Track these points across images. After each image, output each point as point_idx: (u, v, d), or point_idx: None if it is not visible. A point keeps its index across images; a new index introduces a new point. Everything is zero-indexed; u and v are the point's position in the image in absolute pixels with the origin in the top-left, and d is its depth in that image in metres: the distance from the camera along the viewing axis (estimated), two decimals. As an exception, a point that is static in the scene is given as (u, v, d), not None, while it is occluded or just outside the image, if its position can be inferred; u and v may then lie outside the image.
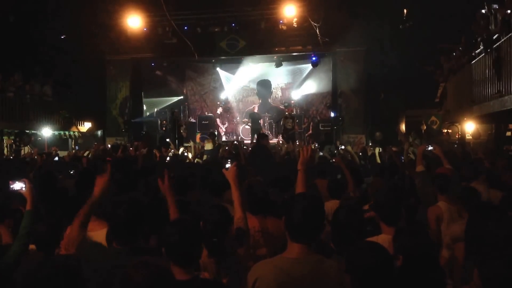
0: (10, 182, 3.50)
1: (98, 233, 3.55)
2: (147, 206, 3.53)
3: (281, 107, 21.87)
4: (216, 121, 21.55)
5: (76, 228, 3.24)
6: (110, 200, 3.22)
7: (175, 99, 22.34)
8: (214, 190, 4.62)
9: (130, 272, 2.03)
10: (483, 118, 12.61)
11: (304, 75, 21.94)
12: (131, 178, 5.51)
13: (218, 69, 22.33)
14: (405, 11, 15.89)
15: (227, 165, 4.09)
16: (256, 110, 22.05)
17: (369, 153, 10.73)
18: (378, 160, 9.13)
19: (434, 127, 17.77)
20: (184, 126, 18.60)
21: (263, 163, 7.75)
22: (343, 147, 11.11)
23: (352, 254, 2.56)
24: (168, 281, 2.03)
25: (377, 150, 10.10)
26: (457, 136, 15.24)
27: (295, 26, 17.09)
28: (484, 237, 3.06)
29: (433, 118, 17.93)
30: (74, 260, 2.18)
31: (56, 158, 10.69)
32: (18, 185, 3.50)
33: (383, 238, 3.31)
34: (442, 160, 6.00)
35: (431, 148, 6.36)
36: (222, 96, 22.97)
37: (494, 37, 10.72)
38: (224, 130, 21.87)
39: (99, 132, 19.86)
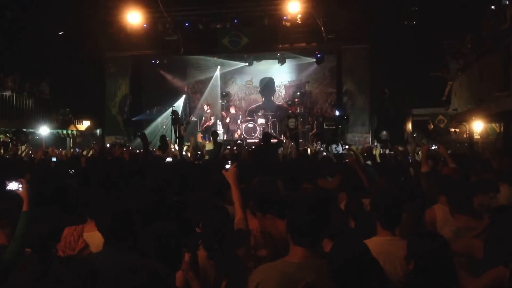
0: (6, 182, 3.42)
1: (95, 234, 3.47)
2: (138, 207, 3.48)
3: (285, 105, 21.56)
4: (217, 120, 21.16)
5: None
6: (99, 201, 3.25)
7: (176, 97, 22.00)
8: (215, 191, 4.57)
9: (120, 278, 1.93)
10: (492, 117, 12.50)
11: (308, 72, 21.60)
12: (122, 178, 5.48)
13: (220, 66, 22.02)
14: (411, 7, 15.62)
15: (227, 166, 3.98)
16: (233, 111, 21.54)
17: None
18: (378, 160, 9.12)
19: (442, 126, 17.44)
20: (184, 125, 18.33)
21: (267, 162, 7.74)
22: (347, 146, 10.99)
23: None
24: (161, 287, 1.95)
25: (377, 151, 10.11)
26: (465, 136, 15.03)
27: (299, 22, 16.94)
28: (505, 239, 3.02)
29: (440, 117, 17.62)
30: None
31: (54, 159, 10.41)
32: (14, 185, 3.42)
33: (375, 241, 3.18)
34: (447, 159, 6.08)
35: (435, 147, 6.48)
36: (224, 94, 22.62)
37: (504, 35, 10.64)
38: (222, 129, 21.46)
39: (98, 131, 19.72)
